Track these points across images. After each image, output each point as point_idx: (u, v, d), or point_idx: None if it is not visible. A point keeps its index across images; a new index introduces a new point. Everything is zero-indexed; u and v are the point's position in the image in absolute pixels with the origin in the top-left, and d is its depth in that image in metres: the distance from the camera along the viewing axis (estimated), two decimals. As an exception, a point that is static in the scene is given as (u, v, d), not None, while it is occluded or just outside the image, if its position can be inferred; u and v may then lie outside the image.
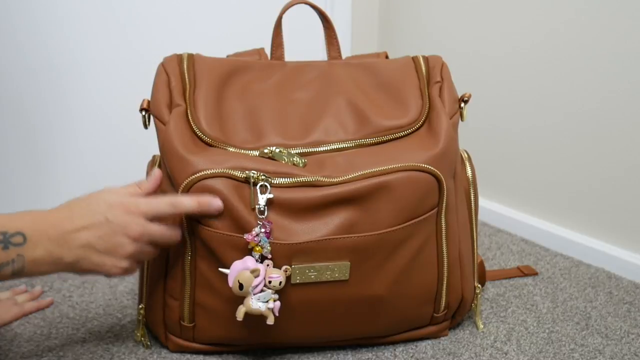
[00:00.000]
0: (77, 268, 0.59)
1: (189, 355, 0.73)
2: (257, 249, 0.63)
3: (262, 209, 0.63)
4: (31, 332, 0.78)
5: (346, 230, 0.65)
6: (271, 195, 0.64)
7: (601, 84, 0.96)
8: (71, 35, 1.08)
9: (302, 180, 0.65)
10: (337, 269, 0.66)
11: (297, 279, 0.65)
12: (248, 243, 0.63)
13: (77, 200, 0.61)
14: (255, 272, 0.62)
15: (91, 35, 1.09)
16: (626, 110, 0.93)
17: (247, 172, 0.64)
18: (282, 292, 0.65)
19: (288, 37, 0.86)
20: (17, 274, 0.55)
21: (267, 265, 0.64)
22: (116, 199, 0.61)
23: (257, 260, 0.64)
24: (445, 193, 0.69)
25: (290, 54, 1.11)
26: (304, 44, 1.25)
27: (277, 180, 0.64)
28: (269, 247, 0.63)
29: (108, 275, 0.61)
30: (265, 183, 0.64)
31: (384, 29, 1.39)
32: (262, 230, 0.63)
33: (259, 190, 0.64)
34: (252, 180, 0.64)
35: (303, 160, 0.67)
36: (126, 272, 0.62)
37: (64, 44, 1.08)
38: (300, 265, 0.65)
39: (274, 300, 0.64)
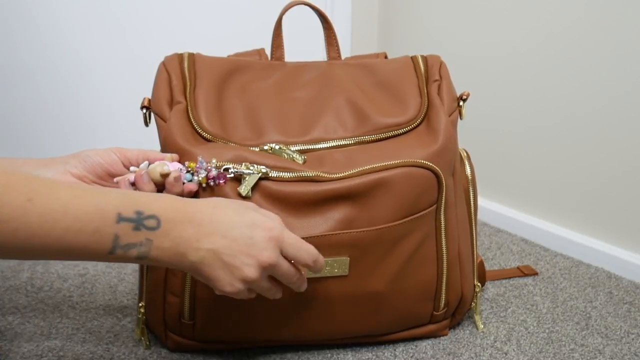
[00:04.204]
0: (194, 271, 0.55)
1: (189, 355, 0.73)
2: (191, 165, 0.63)
3: (249, 195, 0.64)
4: (31, 332, 0.78)
5: (345, 225, 0.65)
6: (254, 175, 0.64)
7: (601, 84, 0.96)
8: (72, 35, 1.08)
9: (302, 175, 0.65)
10: (337, 265, 0.66)
11: None
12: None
13: (224, 201, 0.57)
14: (165, 175, 0.61)
15: (92, 35, 1.10)
16: (626, 111, 0.93)
17: (246, 164, 0.64)
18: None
19: (288, 38, 0.86)
20: (140, 258, 0.51)
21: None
22: (264, 219, 0.56)
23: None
24: (444, 189, 0.69)
25: (290, 55, 1.11)
26: (304, 45, 1.25)
27: (277, 174, 0.65)
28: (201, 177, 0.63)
29: (218, 290, 0.56)
30: (261, 174, 0.64)
31: (384, 29, 1.39)
32: (215, 173, 0.63)
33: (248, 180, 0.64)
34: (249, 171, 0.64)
35: (303, 157, 0.68)
36: (238, 294, 0.56)
37: (65, 44, 1.08)
38: None
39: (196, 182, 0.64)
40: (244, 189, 0.64)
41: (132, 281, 0.91)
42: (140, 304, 0.73)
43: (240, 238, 0.54)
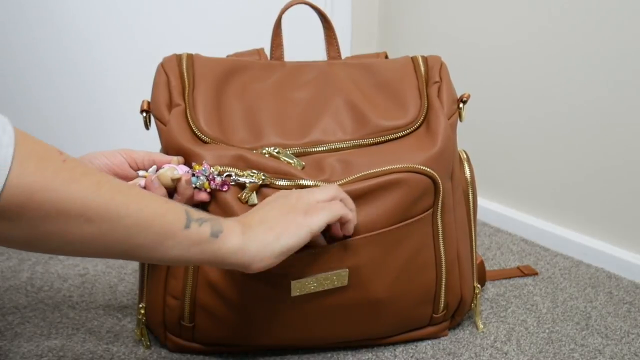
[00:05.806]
0: (268, 228, 0.56)
1: (189, 355, 0.73)
2: (197, 167, 0.63)
3: (254, 202, 0.64)
4: (31, 332, 0.78)
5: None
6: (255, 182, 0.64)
7: (602, 85, 0.96)
8: (70, 37, 1.08)
9: (301, 183, 0.65)
10: (336, 277, 0.65)
11: (297, 292, 0.65)
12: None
13: None
14: (175, 180, 0.62)
15: (90, 36, 1.09)
16: (626, 112, 0.93)
17: (247, 171, 0.64)
18: (281, 301, 0.65)
19: (288, 37, 0.86)
20: (215, 235, 0.52)
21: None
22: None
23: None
24: (440, 194, 0.68)
25: (290, 54, 1.12)
26: (304, 44, 1.25)
27: (276, 181, 0.64)
28: (203, 181, 0.63)
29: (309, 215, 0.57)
30: (261, 181, 0.64)
31: (384, 29, 1.39)
32: (218, 181, 0.63)
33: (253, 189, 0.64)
34: (251, 179, 0.64)
35: (301, 163, 0.67)
36: (331, 206, 0.58)
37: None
38: (300, 280, 0.64)
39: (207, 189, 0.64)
40: (245, 196, 0.64)
41: (132, 281, 0.91)
42: (141, 305, 0.73)
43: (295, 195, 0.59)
